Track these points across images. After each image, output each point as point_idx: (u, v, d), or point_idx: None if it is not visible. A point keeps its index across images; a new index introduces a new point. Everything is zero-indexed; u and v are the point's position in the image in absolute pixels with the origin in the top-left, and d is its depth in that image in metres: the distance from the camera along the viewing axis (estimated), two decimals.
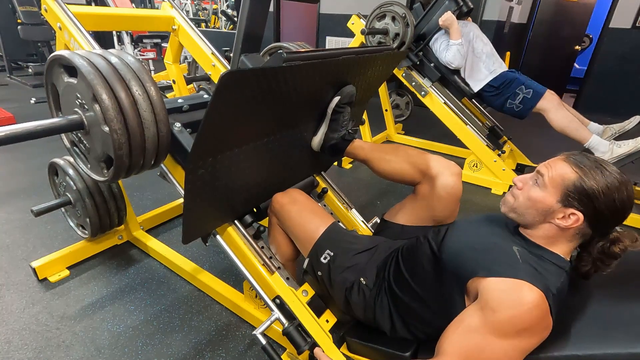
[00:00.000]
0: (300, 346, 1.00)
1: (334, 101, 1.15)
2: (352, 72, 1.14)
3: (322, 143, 1.23)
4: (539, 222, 0.82)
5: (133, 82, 0.83)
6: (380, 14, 2.42)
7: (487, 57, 2.38)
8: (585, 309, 0.85)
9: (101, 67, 0.81)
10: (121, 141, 0.82)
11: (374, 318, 1.04)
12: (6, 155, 2.62)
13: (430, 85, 2.53)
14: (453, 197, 1.10)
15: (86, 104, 0.84)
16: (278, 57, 0.90)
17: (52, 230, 1.77)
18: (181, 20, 1.55)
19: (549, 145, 3.34)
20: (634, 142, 1.96)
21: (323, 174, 1.54)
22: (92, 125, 0.86)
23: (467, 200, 2.32)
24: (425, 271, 0.93)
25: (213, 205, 1.02)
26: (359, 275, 1.04)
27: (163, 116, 0.88)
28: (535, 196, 0.81)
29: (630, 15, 4.01)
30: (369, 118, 2.87)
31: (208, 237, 1.15)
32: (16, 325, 1.25)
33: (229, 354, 1.19)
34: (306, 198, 1.22)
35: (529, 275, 0.75)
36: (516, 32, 4.53)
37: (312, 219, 1.14)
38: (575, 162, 0.79)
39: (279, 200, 1.19)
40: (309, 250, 1.11)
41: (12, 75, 5.00)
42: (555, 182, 0.79)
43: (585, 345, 0.76)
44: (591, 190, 0.75)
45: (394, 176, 1.18)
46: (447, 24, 2.27)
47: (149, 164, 0.94)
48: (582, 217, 0.76)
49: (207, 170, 0.90)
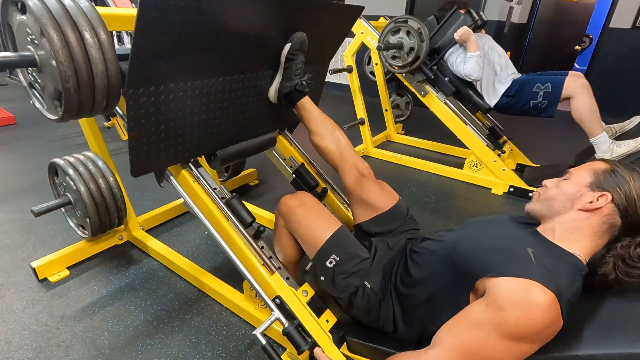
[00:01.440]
0: (300, 346, 1.00)
1: (285, 48, 1.19)
2: (301, 17, 1.14)
3: (277, 93, 1.27)
4: (567, 210, 0.82)
5: (81, 19, 0.85)
6: (394, 28, 2.39)
7: (502, 70, 2.35)
8: (586, 308, 0.85)
9: (50, 3, 0.83)
10: (68, 74, 0.83)
11: (377, 320, 1.04)
12: (6, 155, 2.63)
13: (445, 100, 2.50)
14: (359, 193, 1.19)
15: (36, 39, 0.86)
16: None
17: (52, 230, 1.77)
18: None
19: (549, 145, 3.35)
20: (634, 142, 1.96)
21: (323, 174, 1.54)
22: (44, 62, 0.87)
23: (468, 200, 2.32)
24: (434, 270, 0.92)
25: (160, 140, 1.03)
26: (363, 279, 1.04)
27: (111, 55, 0.89)
28: (564, 185, 0.84)
29: (630, 15, 4.01)
30: (369, 118, 2.87)
31: (162, 176, 1.18)
32: (16, 325, 1.25)
33: (229, 354, 1.19)
34: (314, 201, 1.22)
35: (542, 276, 0.72)
36: (516, 32, 4.53)
37: (319, 222, 1.14)
38: (607, 160, 0.83)
39: (287, 202, 1.19)
40: (315, 253, 1.10)
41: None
42: (584, 171, 0.83)
43: (585, 345, 0.76)
44: (622, 176, 0.77)
45: (323, 156, 1.28)
46: (464, 38, 2.23)
47: (101, 105, 0.95)
48: (610, 197, 0.77)
49: (150, 100, 0.91)
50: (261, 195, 2.23)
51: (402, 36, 2.38)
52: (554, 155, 3.02)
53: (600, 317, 0.82)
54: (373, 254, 1.10)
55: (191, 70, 0.96)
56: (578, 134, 2.23)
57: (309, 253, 1.13)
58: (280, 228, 1.24)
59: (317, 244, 1.09)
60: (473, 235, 0.92)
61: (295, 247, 1.23)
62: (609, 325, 0.79)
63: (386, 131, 3.31)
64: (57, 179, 1.53)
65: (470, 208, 2.23)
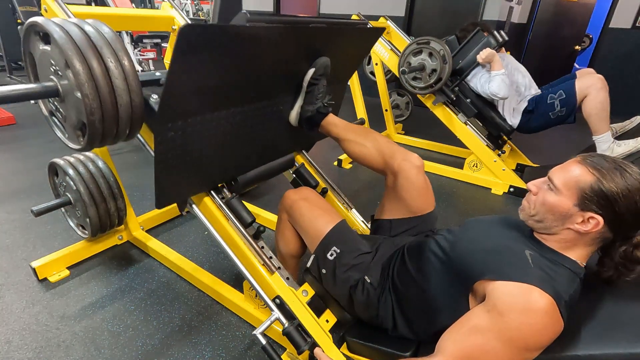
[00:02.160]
0: (300, 346, 1.00)
1: (308, 73, 1.18)
2: (325, 43, 1.14)
3: (299, 117, 1.25)
4: (558, 227, 0.78)
5: (105, 50, 0.84)
6: (416, 49, 2.37)
7: (525, 90, 2.33)
8: (586, 309, 0.85)
9: (74, 34, 0.82)
10: (93, 107, 0.82)
11: (376, 316, 1.04)
12: (6, 155, 2.62)
13: (466, 121, 2.47)
14: (418, 189, 1.13)
15: (60, 70, 0.85)
16: (242, 17, 0.89)
17: (52, 230, 1.77)
18: (181, 21, 1.55)
19: (549, 145, 3.35)
20: (635, 141, 1.96)
21: (323, 174, 1.54)
22: (67, 92, 0.87)
23: (467, 200, 2.32)
24: (432, 269, 0.92)
25: (185, 171, 1.02)
26: (363, 273, 1.05)
27: (135, 85, 0.88)
28: (551, 201, 0.78)
29: (630, 15, 4.01)
30: (369, 118, 2.87)
31: (184, 205, 1.16)
32: (16, 325, 1.25)
33: (229, 354, 1.19)
34: (317, 196, 1.24)
35: (540, 280, 0.72)
36: (516, 32, 4.53)
37: (322, 216, 1.15)
38: (592, 164, 0.75)
39: (291, 196, 1.21)
40: (317, 245, 1.11)
41: (12, 75, 5.01)
42: (570, 185, 0.75)
43: (585, 345, 0.76)
44: (610, 192, 0.71)
45: (362, 161, 1.23)
46: (489, 60, 2.20)
47: (124, 133, 0.94)
48: (602, 221, 0.73)
49: (178, 134, 0.90)
50: (261, 196, 2.23)
51: (424, 58, 2.36)
52: (554, 155, 3.02)
53: (600, 317, 0.82)
54: (375, 249, 1.11)
55: (217, 102, 0.96)
56: (578, 133, 2.24)
57: (311, 246, 1.14)
58: (283, 222, 1.25)
59: (319, 236, 1.11)
60: (471, 236, 0.92)
61: (298, 241, 1.24)
62: (609, 325, 0.79)
63: (386, 131, 3.31)
64: (57, 179, 1.53)
65: (470, 208, 2.23)
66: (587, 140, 2.19)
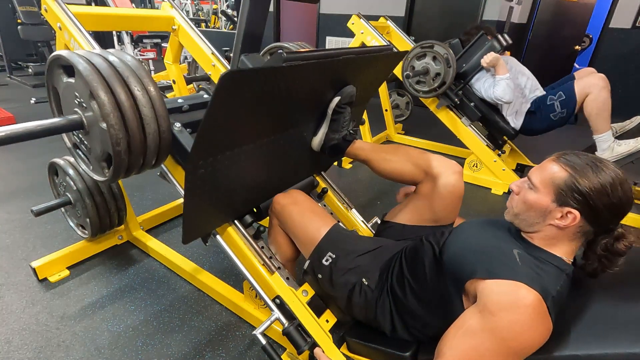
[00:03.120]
0: (300, 346, 1.00)
1: (334, 101, 1.15)
2: (352, 72, 1.14)
3: (323, 143, 1.23)
4: (540, 224, 0.81)
5: (131, 80, 0.83)
6: (420, 53, 2.37)
7: (529, 92, 2.33)
8: (585, 309, 0.85)
9: (99, 65, 0.81)
10: (118, 137, 0.81)
11: (374, 318, 1.04)
12: (6, 155, 2.62)
13: (469, 124, 2.47)
14: (455, 195, 1.10)
15: (85, 102, 0.84)
16: (278, 57, 0.90)
17: (52, 230, 1.77)
18: (181, 20, 1.55)
19: (549, 145, 3.34)
20: (635, 141, 1.96)
21: (323, 174, 1.54)
22: (92, 124, 0.86)
23: (467, 200, 2.32)
24: (426, 272, 0.93)
25: (213, 205, 1.02)
26: (361, 276, 1.04)
27: (163, 114, 0.87)
28: (531, 199, 0.82)
29: (630, 15, 4.01)
30: (369, 118, 2.87)
31: (208, 237, 1.15)
32: (16, 325, 1.25)
33: (229, 354, 1.19)
34: (307, 199, 1.22)
35: (527, 277, 0.74)
36: (516, 32, 4.53)
37: (314, 220, 1.14)
38: (565, 161, 0.79)
39: (280, 201, 1.19)
40: (310, 252, 1.11)
41: (12, 75, 5.01)
42: (546, 183, 0.79)
43: (585, 345, 0.76)
44: (583, 187, 0.75)
45: (395, 176, 1.19)
46: (493, 64, 2.19)
47: (150, 163, 0.94)
48: (578, 215, 0.76)
49: (207, 170, 0.90)
50: None
51: (428, 61, 2.36)
52: None
53: (600, 317, 0.82)
54: (374, 249, 1.10)
55: (247, 136, 0.96)
56: (578, 134, 2.23)
57: (305, 252, 1.14)
58: (274, 227, 1.24)
59: (312, 243, 1.10)
60: (462, 238, 0.93)
61: (291, 245, 1.23)
62: (608, 325, 0.79)
63: (386, 131, 3.31)
64: (57, 178, 1.53)
65: (470, 208, 2.23)
66: (587, 140, 2.19)
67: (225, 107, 0.79)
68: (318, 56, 0.98)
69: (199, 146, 0.82)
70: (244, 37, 1.37)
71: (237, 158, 0.97)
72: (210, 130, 0.81)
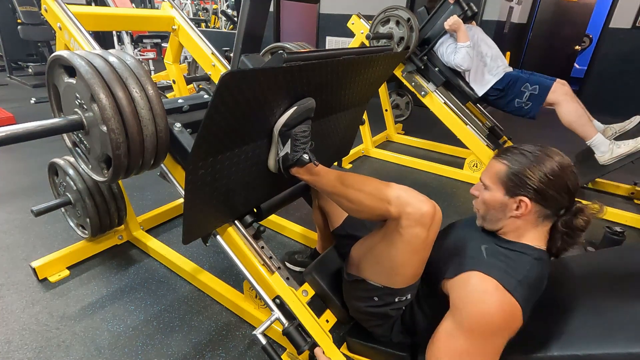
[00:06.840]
0: (300, 346, 1.00)
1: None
2: (352, 72, 1.14)
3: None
4: (503, 219, 0.86)
5: (131, 82, 0.83)
6: (384, 18, 2.41)
7: (491, 61, 2.36)
8: (585, 309, 0.85)
9: (99, 67, 0.81)
10: (119, 141, 0.82)
11: (380, 325, 1.05)
12: (6, 155, 2.62)
13: (435, 90, 2.52)
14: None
15: (85, 104, 0.84)
16: (278, 57, 0.90)
17: (52, 230, 1.77)
18: (181, 20, 1.55)
19: (549, 145, 3.33)
20: (634, 142, 1.96)
21: None
22: (92, 125, 0.86)
23: (468, 200, 2.32)
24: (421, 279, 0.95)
25: (213, 205, 1.02)
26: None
27: (161, 115, 0.88)
28: (487, 198, 0.87)
29: (630, 15, 4.01)
30: (369, 118, 2.87)
31: (208, 237, 1.15)
32: (16, 325, 1.25)
33: (229, 354, 1.19)
34: None
35: (487, 266, 0.78)
36: (516, 32, 4.53)
37: (415, 260, 0.89)
38: (504, 156, 0.85)
39: (429, 210, 0.87)
40: (389, 284, 0.93)
41: (12, 75, 5.01)
42: (493, 179, 0.86)
43: (585, 345, 0.76)
44: (520, 172, 0.80)
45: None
46: (454, 27, 2.24)
47: (149, 164, 0.94)
48: (529, 201, 0.80)
49: (208, 171, 0.90)
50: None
51: (392, 26, 2.40)
52: None
53: (600, 317, 0.82)
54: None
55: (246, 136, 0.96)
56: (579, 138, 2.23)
57: (379, 279, 0.95)
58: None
59: (400, 283, 0.92)
60: (442, 242, 0.96)
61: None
62: (609, 325, 0.79)
63: (386, 131, 3.31)
64: (57, 178, 1.53)
65: (470, 208, 2.22)
66: None
67: (225, 107, 0.79)
68: (318, 56, 0.98)
69: (199, 146, 0.82)
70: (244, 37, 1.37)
71: (237, 158, 0.97)
72: (210, 130, 0.81)
